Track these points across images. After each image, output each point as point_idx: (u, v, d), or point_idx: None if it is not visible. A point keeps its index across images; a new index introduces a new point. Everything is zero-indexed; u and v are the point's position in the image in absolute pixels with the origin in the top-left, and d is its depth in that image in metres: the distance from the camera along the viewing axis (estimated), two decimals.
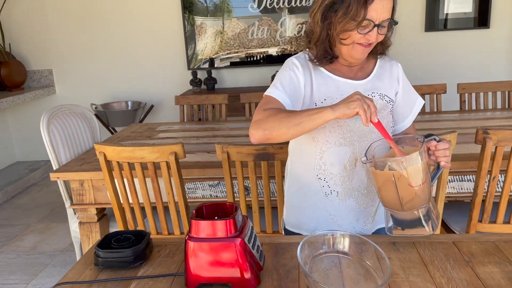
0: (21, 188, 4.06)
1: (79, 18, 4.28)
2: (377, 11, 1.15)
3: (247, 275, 1.00)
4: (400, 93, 1.36)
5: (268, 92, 1.28)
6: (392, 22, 1.20)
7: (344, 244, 1.10)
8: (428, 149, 1.17)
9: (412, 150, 1.14)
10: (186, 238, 1.02)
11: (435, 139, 1.15)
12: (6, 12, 4.29)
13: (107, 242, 1.17)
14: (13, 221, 3.39)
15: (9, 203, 3.79)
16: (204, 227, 1.01)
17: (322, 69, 1.30)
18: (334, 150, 1.29)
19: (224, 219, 1.00)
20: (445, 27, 3.97)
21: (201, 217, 1.08)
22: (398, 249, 1.14)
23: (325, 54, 1.27)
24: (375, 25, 1.16)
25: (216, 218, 1.04)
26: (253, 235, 1.07)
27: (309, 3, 4.01)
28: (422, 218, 1.12)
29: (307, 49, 1.32)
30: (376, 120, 1.09)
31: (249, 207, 1.85)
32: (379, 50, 1.32)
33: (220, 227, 1.00)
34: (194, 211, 1.06)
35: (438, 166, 1.19)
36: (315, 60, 1.29)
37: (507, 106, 2.85)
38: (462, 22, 3.94)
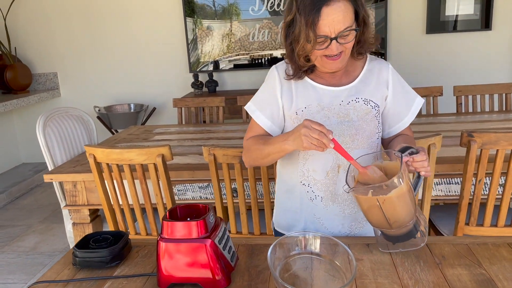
0: (25, 189, 4.13)
1: (83, 22, 4.34)
2: (329, 26, 1.13)
3: (217, 275, 1.02)
4: (390, 96, 1.33)
5: (249, 111, 1.37)
6: (353, 30, 1.16)
7: (316, 245, 1.11)
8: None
9: (391, 164, 1.13)
10: (158, 239, 1.04)
11: (412, 152, 1.12)
12: (12, 16, 4.37)
13: (86, 242, 1.20)
14: (16, 222, 3.45)
15: (13, 204, 3.85)
16: (175, 228, 1.03)
17: (305, 76, 1.30)
18: (317, 157, 1.30)
19: (195, 220, 1.02)
20: (446, 29, 3.95)
21: (174, 218, 1.10)
22: (371, 251, 1.15)
23: (299, 69, 1.27)
24: (332, 39, 1.14)
25: (188, 219, 1.06)
26: (225, 236, 1.09)
27: None
28: (411, 231, 1.12)
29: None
30: (332, 146, 1.10)
31: (237, 209, 1.87)
32: (360, 51, 1.28)
33: (191, 228, 1.02)
34: (167, 212, 1.08)
35: (418, 176, 1.15)
36: (291, 76, 1.29)
37: (504, 109, 2.83)
38: (464, 24, 3.92)
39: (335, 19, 1.12)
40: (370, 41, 1.27)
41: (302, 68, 1.26)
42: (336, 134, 1.27)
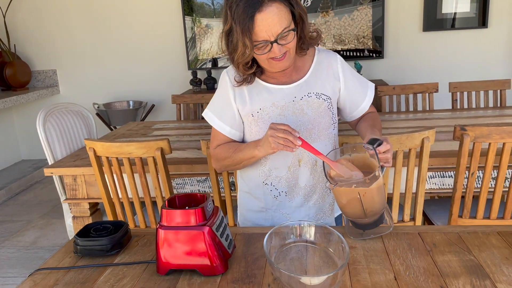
0: (25, 186, 4.16)
1: (83, 19, 4.37)
2: (266, 31, 1.13)
3: (215, 262, 1.05)
4: (343, 87, 1.36)
5: (207, 118, 1.39)
6: (291, 30, 1.16)
7: (311, 233, 1.14)
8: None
9: (358, 156, 1.18)
10: (157, 227, 1.07)
11: (379, 144, 1.16)
12: (11, 14, 4.39)
13: (87, 231, 1.23)
14: (16, 217, 3.48)
15: (13, 199, 3.88)
16: (174, 216, 1.06)
17: (256, 77, 1.32)
18: (277, 155, 1.33)
19: (193, 208, 1.05)
20: (443, 27, 3.98)
21: (173, 207, 1.13)
22: (365, 240, 1.18)
23: (244, 76, 1.28)
24: (272, 42, 1.15)
25: (187, 208, 1.09)
26: (223, 224, 1.12)
27: (307, 4, 4.05)
28: (380, 218, 1.17)
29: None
30: (300, 143, 1.14)
31: (234, 202, 1.90)
32: (302, 47, 1.28)
33: (189, 216, 1.05)
34: (166, 201, 1.11)
35: (381, 167, 1.18)
36: (240, 82, 1.30)
37: (499, 105, 2.87)
38: (460, 22, 3.95)
39: (270, 23, 1.12)
40: (311, 36, 1.28)
41: (245, 74, 1.27)
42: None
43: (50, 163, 2.30)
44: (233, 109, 1.35)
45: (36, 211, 3.58)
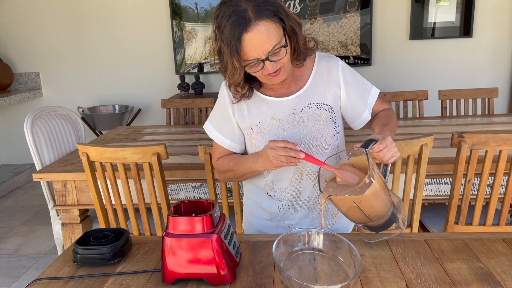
0: (5, 191, 4.03)
1: (68, 21, 4.28)
2: (255, 50, 1.09)
3: (223, 270, 1.02)
4: (344, 94, 1.30)
5: (207, 131, 1.38)
6: (282, 47, 1.11)
7: (319, 241, 1.12)
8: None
9: (359, 160, 1.15)
10: (164, 234, 1.03)
11: (375, 144, 1.10)
12: None
13: (86, 239, 1.18)
14: None
15: None
16: (181, 223, 1.03)
17: (254, 90, 1.29)
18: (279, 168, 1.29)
19: (200, 216, 1.03)
20: (429, 36, 4.05)
21: (179, 215, 1.10)
22: (372, 247, 1.17)
23: (241, 93, 1.25)
24: (263, 60, 1.12)
25: (193, 215, 1.06)
26: (230, 232, 1.09)
27: (296, 10, 4.07)
28: (390, 219, 1.15)
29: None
30: (303, 156, 1.11)
31: (231, 208, 1.87)
32: (298, 58, 1.23)
33: (196, 223, 1.02)
34: (172, 208, 1.08)
35: (385, 165, 1.16)
36: (238, 98, 1.27)
37: (486, 113, 2.92)
38: (446, 31, 4.03)
39: (259, 42, 1.08)
40: (307, 46, 1.23)
41: (238, 94, 1.24)
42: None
43: (38, 168, 2.23)
44: (232, 122, 1.32)
45: (18, 218, 3.46)
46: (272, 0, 1.11)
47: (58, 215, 2.22)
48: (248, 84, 1.24)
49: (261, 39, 1.08)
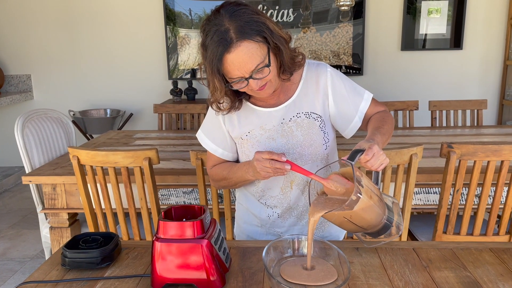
0: None
1: (60, 24, 4.27)
2: (238, 69, 1.09)
3: (213, 276, 1.02)
4: (332, 103, 1.28)
5: (200, 139, 1.39)
6: (265, 66, 1.10)
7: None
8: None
9: (349, 169, 1.10)
10: (154, 239, 1.03)
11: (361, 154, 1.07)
12: None
13: (75, 243, 1.17)
14: None
15: None
16: (171, 228, 1.03)
17: (244, 101, 1.29)
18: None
19: (191, 221, 1.03)
20: (420, 47, 4.11)
21: (169, 219, 1.10)
22: (361, 255, 1.17)
23: (232, 104, 1.25)
24: (247, 79, 1.11)
25: (184, 220, 1.06)
26: (220, 238, 1.09)
27: (290, 19, 4.10)
28: (386, 225, 1.15)
29: None
30: (289, 167, 1.11)
31: (222, 214, 1.87)
32: (285, 73, 1.20)
33: (187, 228, 1.02)
34: (162, 213, 1.08)
35: (377, 172, 1.13)
36: (228, 110, 1.26)
37: (475, 124, 2.96)
38: (437, 42, 4.09)
39: (241, 62, 1.08)
40: (295, 60, 1.20)
41: (219, 111, 1.25)
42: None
43: (27, 171, 2.21)
44: (223, 131, 1.33)
45: (5, 221, 3.42)
46: (256, 19, 1.08)
47: (46, 219, 2.20)
48: (237, 96, 1.25)
49: (243, 59, 1.08)
